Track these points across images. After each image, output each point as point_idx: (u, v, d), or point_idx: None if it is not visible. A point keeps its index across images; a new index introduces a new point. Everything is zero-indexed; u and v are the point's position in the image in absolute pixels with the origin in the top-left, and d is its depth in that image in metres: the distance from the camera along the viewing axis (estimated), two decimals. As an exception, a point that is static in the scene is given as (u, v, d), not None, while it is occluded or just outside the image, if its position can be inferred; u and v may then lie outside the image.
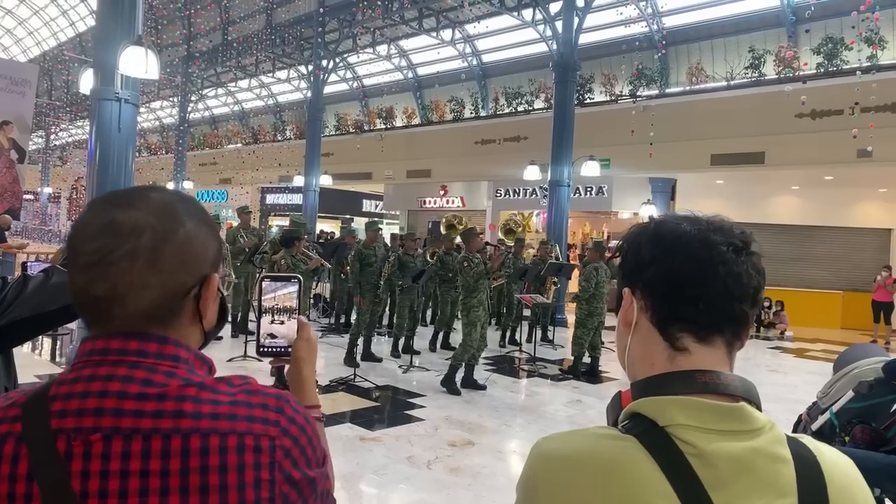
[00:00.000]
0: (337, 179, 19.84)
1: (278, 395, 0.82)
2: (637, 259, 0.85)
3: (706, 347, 0.81)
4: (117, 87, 7.07)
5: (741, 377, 0.81)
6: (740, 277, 0.80)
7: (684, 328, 0.81)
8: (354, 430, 5.35)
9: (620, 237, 0.92)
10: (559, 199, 12.60)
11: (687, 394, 0.77)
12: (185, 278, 0.82)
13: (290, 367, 1.04)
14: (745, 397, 0.78)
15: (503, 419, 5.98)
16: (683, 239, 0.82)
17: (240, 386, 0.81)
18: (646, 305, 0.84)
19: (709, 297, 0.80)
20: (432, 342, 9.08)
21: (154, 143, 30.16)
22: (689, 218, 0.86)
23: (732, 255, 0.80)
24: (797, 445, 0.79)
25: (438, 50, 18.89)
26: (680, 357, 0.81)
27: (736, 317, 0.81)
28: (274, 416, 0.79)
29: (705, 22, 14.82)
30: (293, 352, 1.04)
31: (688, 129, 13.00)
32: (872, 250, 14.68)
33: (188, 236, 0.82)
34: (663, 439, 0.75)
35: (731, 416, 0.76)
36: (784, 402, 6.94)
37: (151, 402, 0.75)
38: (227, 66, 21.26)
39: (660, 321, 0.82)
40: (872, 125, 10.17)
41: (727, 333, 0.82)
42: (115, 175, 7.17)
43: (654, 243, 0.84)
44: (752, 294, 0.82)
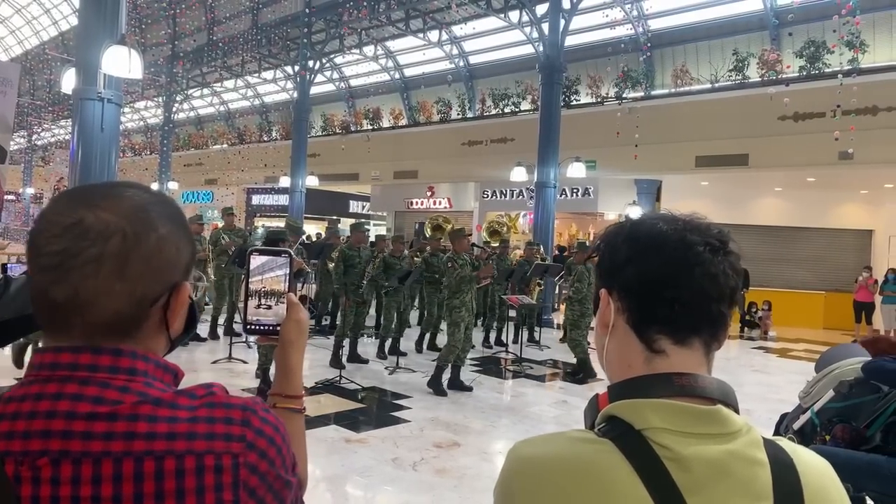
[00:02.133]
0: (323, 180, 19.76)
1: (244, 405, 0.77)
2: (613, 259, 0.84)
3: (684, 349, 0.80)
4: (100, 86, 7.00)
5: (719, 380, 0.80)
6: (717, 278, 0.79)
7: (661, 330, 0.80)
8: (340, 432, 5.32)
9: (597, 237, 0.90)
10: (545, 201, 12.65)
11: (664, 397, 0.77)
12: (153, 287, 0.77)
13: (277, 350, 0.99)
14: (722, 400, 0.78)
15: (489, 420, 5.98)
16: (659, 239, 0.81)
17: (202, 398, 0.76)
18: (622, 307, 0.83)
19: (685, 299, 0.79)
20: (418, 343, 9.07)
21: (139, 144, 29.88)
22: (666, 217, 0.85)
23: (709, 255, 0.80)
24: (774, 448, 0.78)
25: (425, 51, 18.90)
26: (657, 359, 0.80)
27: (713, 318, 0.81)
28: (239, 431, 0.74)
29: (690, 25, 14.94)
30: (282, 333, 0.97)
31: (673, 131, 13.10)
32: (854, 251, 14.88)
33: (161, 242, 0.77)
34: (639, 443, 0.74)
35: (707, 419, 0.75)
36: (767, 402, 7.02)
37: (102, 422, 0.70)
38: (213, 66, 21.12)
39: (636, 323, 0.82)
40: (853, 128, 10.30)
41: (704, 335, 0.81)
42: (97, 175, 7.09)
43: (629, 243, 0.83)
44: (730, 294, 0.81)
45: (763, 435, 0.80)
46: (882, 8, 12.33)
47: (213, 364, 7.46)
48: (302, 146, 17.56)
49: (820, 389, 3.62)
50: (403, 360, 8.09)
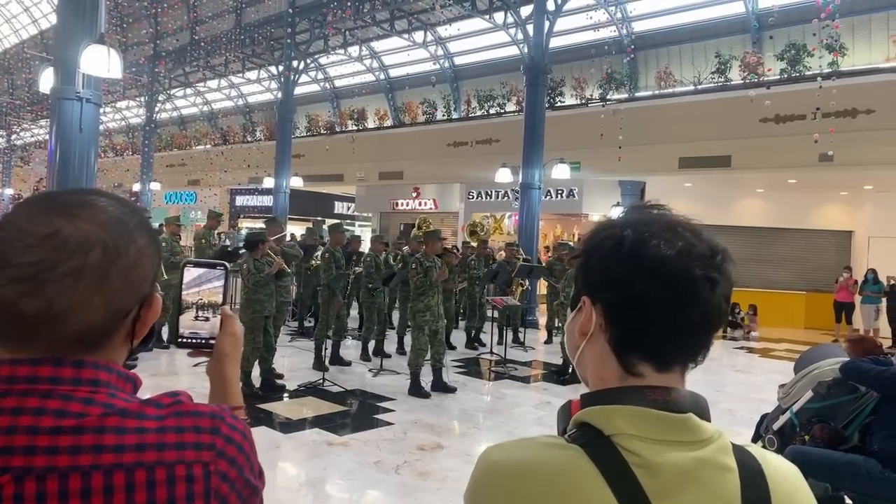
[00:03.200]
0: (308, 181, 19.65)
1: (213, 412, 0.77)
2: (603, 272, 0.80)
3: (663, 374, 0.79)
4: (79, 86, 6.91)
5: (692, 393, 0.79)
6: (710, 316, 0.77)
7: (644, 358, 0.78)
8: (322, 435, 5.28)
9: (585, 237, 0.86)
10: (530, 202, 12.67)
11: (635, 405, 0.76)
12: (128, 299, 0.76)
13: (210, 363, 0.98)
14: (694, 411, 0.76)
15: (472, 422, 5.97)
16: (660, 266, 0.76)
17: (169, 407, 0.75)
18: (605, 325, 0.80)
19: (675, 336, 0.77)
20: (401, 345, 9.04)
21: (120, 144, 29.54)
22: (667, 235, 0.78)
23: (708, 292, 0.76)
24: (742, 454, 0.78)
25: (410, 52, 18.87)
26: (633, 379, 0.79)
27: (698, 348, 0.80)
28: (208, 439, 0.74)
29: (673, 27, 15.05)
30: (216, 346, 0.96)
31: (656, 132, 13.17)
32: (834, 252, 15.06)
33: (139, 254, 0.76)
34: (609, 449, 0.73)
35: (677, 426, 0.75)
36: (750, 402, 7.07)
37: (67, 436, 0.68)
38: (196, 65, 20.93)
39: (618, 346, 0.79)
40: (833, 130, 10.43)
41: (687, 360, 0.80)
42: (76, 176, 7.00)
43: (630, 265, 0.77)
44: (718, 323, 0.79)
45: (734, 441, 0.79)
46: (860, 12, 12.49)
47: (194, 367, 7.34)
48: (286, 147, 17.46)
49: (799, 390, 3.65)
50: (387, 361, 8.06)
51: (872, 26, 12.73)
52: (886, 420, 3.21)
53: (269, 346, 6.70)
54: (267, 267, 6.59)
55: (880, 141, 10.78)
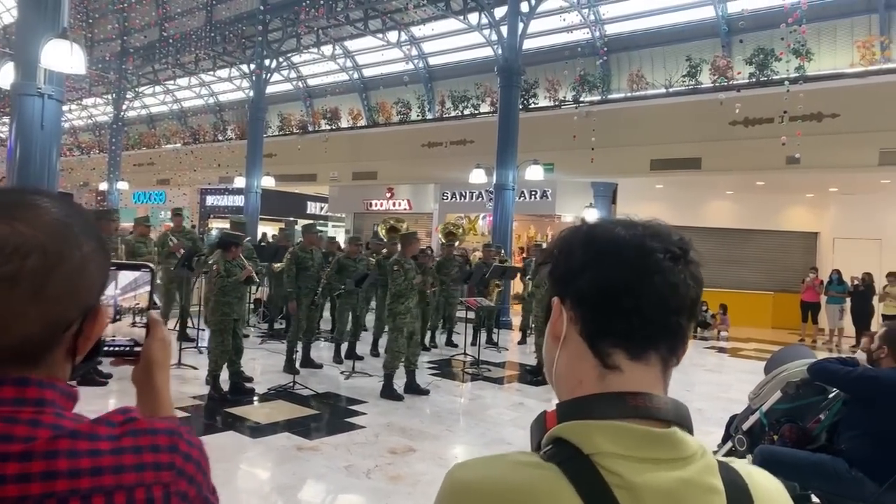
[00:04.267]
0: (280, 181, 19.43)
1: (170, 430, 0.72)
2: (567, 265, 0.79)
3: (640, 365, 0.75)
4: (40, 81, 6.71)
5: (674, 400, 0.75)
6: (677, 288, 0.74)
7: (616, 343, 0.75)
8: (292, 440, 5.19)
9: (552, 241, 0.85)
10: (504, 203, 12.69)
11: (615, 418, 0.72)
12: (69, 311, 0.70)
13: (137, 371, 0.91)
14: (676, 421, 0.73)
15: (445, 424, 5.92)
16: (617, 244, 0.76)
17: (123, 426, 0.70)
18: (576, 317, 0.77)
19: (643, 309, 0.74)
20: (374, 347, 8.95)
21: (86, 142, 28.86)
22: (625, 222, 0.79)
23: (670, 262, 0.75)
24: (729, 472, 0.74)
25: (384, 52, 18.76)
26: (611, 376, 0.75)
27: (672, 331, 0.76)
28: (167, 458, 0.69)
29: (645, 30, 15.21)
30: (144, 353, 0.90)
31: (628, 134, 13.30)
32: (800, 253, 15.37)
33: (84, 262, 0.70)
34: (588, 469, 0.69)
35: (661, 442, 0.70)
36: (719, 401, 7.15)
37: (13, 462, 0.62)
38: (165, 63, 20.53)
39: (590, 335, 0.76)
40: (799, 133, 10.63)
41: (662, 349, 0.76)
42: (37, 174, 6.80)
43: (585, 249, 0.77)
44: (690, 306, 0.76)
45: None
46: (826, 18, 12.77)
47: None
48: (257, 146, 17.22)
49: (768, 391, 3.68)
50: (360, 364, 7.97)
51: (837, 32, 13.02)
52: (853, 420, 3.25)
53: (238, 349, 6.57)
54: (238, 270, 6.46)
55: (844, 144, 11.03)
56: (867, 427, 3.14)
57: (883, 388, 3.09)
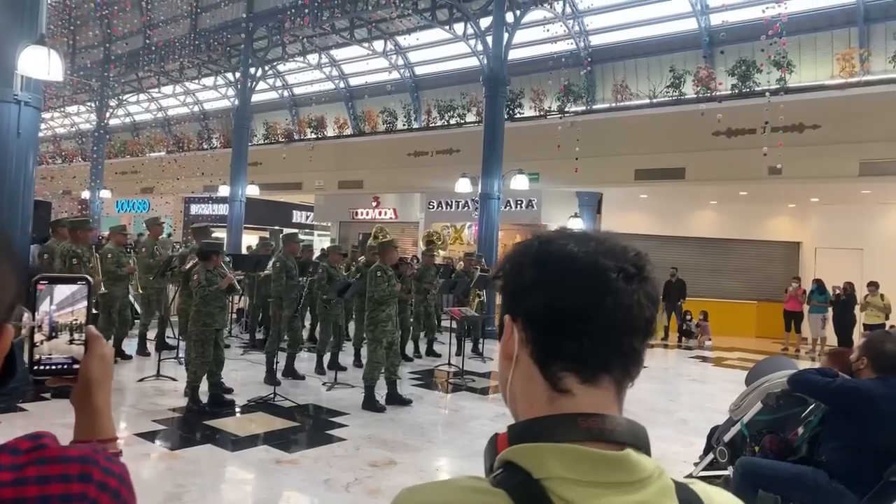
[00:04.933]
0: (265, 189, 19.31)
1: (83, 457, 0.67)
2: (518, 283, 0.75)
3: (592, 388, 0.72)
4: (16, 88, 6.59)
5: (629, 420, 0.72)
6: (631, 309, 0.71)
7: (567, 367, 0.72)
8: (270, 453, 5.10)
9: (504, 256, 0.81)
10: (489, 212, 12.68)
11: (568, 441, 0.68)
12: None
13: (76, 390, 0.86)
14: (631, 443, 0.69)
15: (427, 436, 5.85)
16: (569, 262, 0.72)
17: (29, 453, 0.64)
18: (526, 338, 0.74)
19: (594, 333, 0.70)
20: (356, 357, 8.86)
21: (69, 150, 28.54)
22: (579, 237, 0.76)
23: (623, 283, 0.71)
24: (686, 494, 0.71)
25: (370, 61, 18.78)
26: (561, 399, 0.72)
27: (625, 353, 0.73)
28: (79, 489, 0.64)
29: (630, 42, 15.32)
30: (82, 371, 0.85)
31: (613, 144, 13.36)
32: (783, 263, 15.49)
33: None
34: (537, 495, 0.65)
35: (614, 466, 0.67)
36: (703, 411, 7.14)
37: None
38: (149, 70, 20.38)
39: (540, 358, 0.73)
40: (781, 144, 10.73)
41: (616, 372, 0.73)
42: (13, 183, 6.67)
43: (536, 266, 0.74)
44: (644, 327, 0.73)
45: (674, 478, 0.72)
46: (806, 31, 12.94)
47: (139, 383, 7.08)
48: (242, 154, 17.11)
49: (749, 402, 3.66)
50: (342, 374, 7.88)
51: (818, 44, 13.20)
52: (833, 431, 3.24)
53: (219, 360, 6.47)
54: (219, 279, 6.37)
55: (825, 155, 11.14)
56: (847, 438, 3.13)
57: (862, 399, 3.08)
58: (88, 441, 0.84)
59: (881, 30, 12.50)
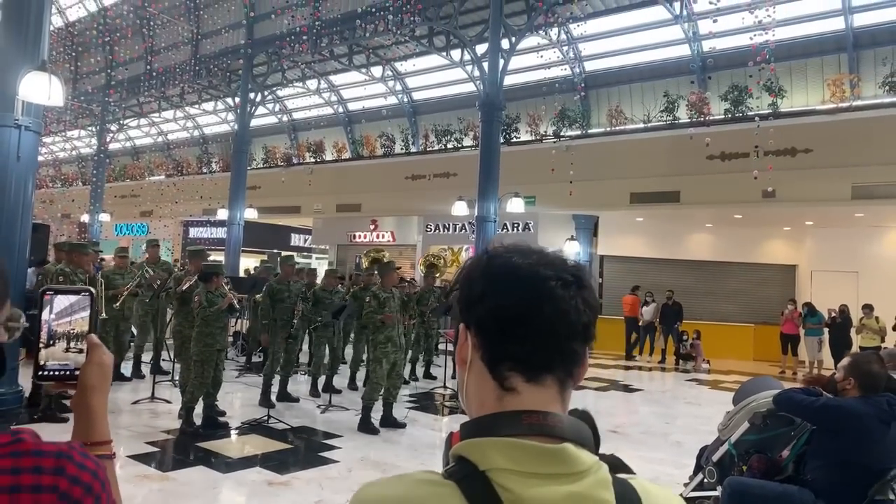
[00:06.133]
0: (264, 213, 19.41)
1: (58, 451, 0.71)
2: (469, 293, 0.82)
3: (535, 387, 0.78)
4: (17, 113, 6.70)
5: (572, 418, 0.78)
6: (568, 314, 0.78)
7: (513, 367, 0.78)
8: (263, 475, 5.09)
9: (460, 271, 0.88)
10: (486, 235, 12.72)
11: (511, 436, 0.74)
12: None
13: (75, 395, 0.92)
14: (571, 438, 0.75)
15: (421, 458, 5.84)
16: (512, 273, 0.79)
17: (6, 447, 0.69)
18: (477, 343, 0.80)
19: (535, 336, 0.77)
20: (351, 380, 8.85)
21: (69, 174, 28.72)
22: (523, 250, 0.83)
23: (561, 290, 0.78)
24: (622, 487, 0.76)
25: (368, 86, 19.02)
26: (508, 397, 0.78)
27: (565, 355, 0.79)
28: (50, 481, 0.68)
29: (624, 67, 15.56)
30: (81, 377, 0.91)
31: (608, 168, 13.49)
32: (779, 285, 15.52)
33: None
34: (483, 485, 0.71)
35: (552, 458, 0.72)
36: (698, 434, 7.11)
37: None
38: (150, 95, 20.63)
39: (489, 360, 0.79)
40: (771, 167, 10.84)
41: (558, 371, 0.79)
42: (12, 206, 6.75)
43: (484, 277, 0.81)
44: (583, 330, 0.79)
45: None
46: (796, 57, 13.17)
47: (133, 405, 7.07)
48: (241, 178, 17.23)
49: (737, 422, 3.68)
50: (336, 397, 7.87)
51: (808, 70, 13.41)
52: (819, 450, 3.26)
53: (216, 382, 6.48)
54: (219, 300, 6.40)
55: (818, 179, 11.26)
56: (832, 457, 3.15)
57: (846, 417, 3.11)
58: (85, 443, 0.89)
59: (870, 56, 12.73)
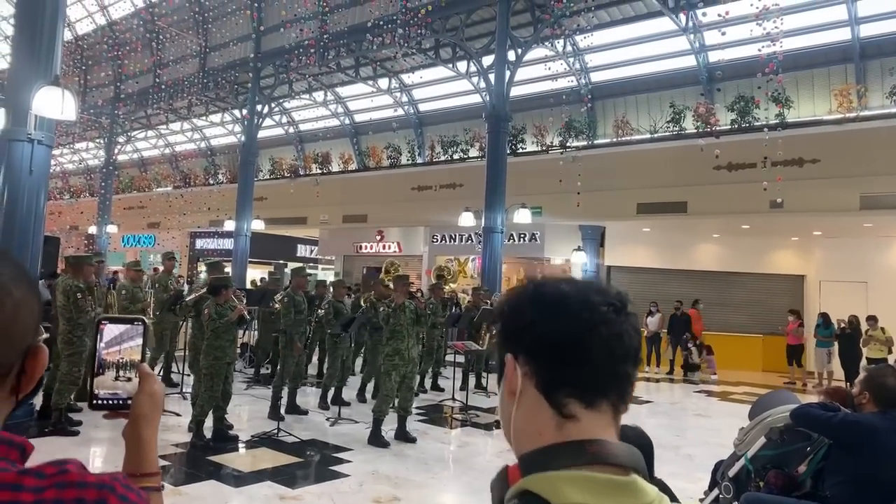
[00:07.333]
0: (270, 224, 19.47)
1: (101, 483, 0.71)
2: (517, 322, 0.83)
3: (593, 413, 0.79)
4: (30, 127, 6.77)
5: (628, 445, 0.79)
6: (622, 338, 0.80)
7: (571, 393, 0.79)
8: (274, 489, 5.07)
9: (500, 300, 0.90)
10: (493, 246, 12.75)
11: (577, 467, 0.75)
12: (7, 356, 0.71)
13: (127, 425, 0.92)
14: (633, 467, 0.77)
15: (432, 472, 5.82)
16: (564, 299, 0.81)
17: (52, 478, 0.68)
18: (530, 371, 0.81)
19: (593, 360, 0.79)
20: (360, 392, 8.83)
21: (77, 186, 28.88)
22: (568, 279, 0.85)
23: (613, 314, 0.80)
24: None
25: (374, 98, 19.13)
26: (569, 424, 0.79)
27: (620, 379, 0.81)
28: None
29: (630, 78, 15.60)
30: (133, 407, 0.91)
31: (615, 178, 13.50)
32: (787, 296, 15.43)
33: (17, 307, 0.71)
34: None
35: (624, 490, 0.74)
36: (709, 447, 7.07)
37: None
38: (158, 108, 20.79)
39: (545, 387, 0.80)
40: (780, 178, 10.82)
41: (612, 397, 0.80)
42: (24, 219, 6.80)
43: (534, 305, 0.82)
44: (634, 354, 0.81)
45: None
46: (803, 67, 13.18)
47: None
48: (248, 189, 17.32)
49: (753, 437, 3.66)
50: (346, 410, 7.86)
51: (815, 81, 13.42)
52: (837, 466, 3.23)
53: (226, 395, 6.47)
54: (229, 312, 6.41)
55: (826, 189, 11.24)
56: (850, 473, 3.12)
57: (864, 433, 3.08)
58: (134, 474, 0.89)
59: (877, 66, 12.73)
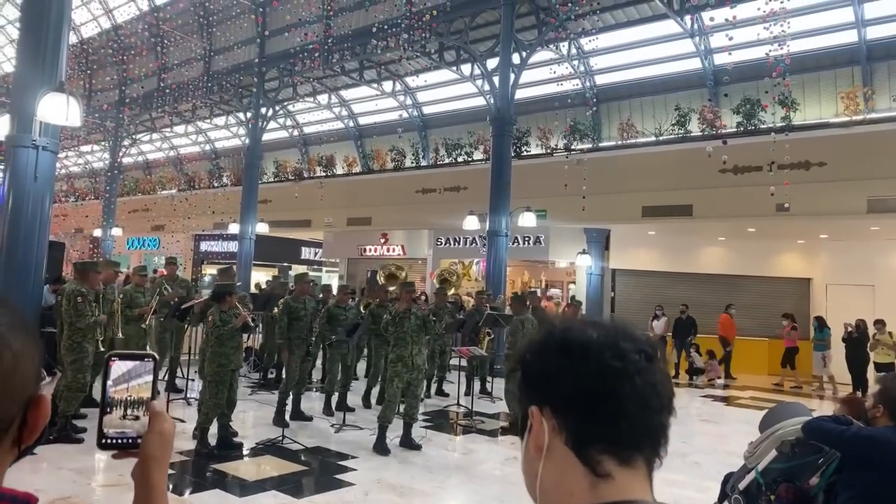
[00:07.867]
0: (275, 227, 19.47)
1: None
2: (543, 370, 0.77)
3: (628, 470, 0.74)
4: (35, 133, 6.76)
5: None
6: (657, 387, 0.75)
7: (605, 449, 0.73)
8: (279, 498, 5.04)
9: (522, 347, 0.83)
10: (497, 249, 12.71)
11: None
12: (9, 409, 0.68)
13: (136, 465, 0.88)
14: None
15: (437, 480, 5.78)
16: (594, 347, 0.75)
17: None
18: (559, 425, 0.75)
19: (629, 412, 0.73)
20: (365, 398, 8.80)
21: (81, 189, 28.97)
22: (594, 324, 0.79)
23: (646, 363, 0.75)
24: None
25: (379, 101, 19.12)
26: (602, 485, 0.73)
27: (656, 431, 0.76)
28: None
29: (635, 81, 15.54)
30: (143, 447, 0.87)
31: (620, 181, 13.45)
32: (794, 299, 15.35)
33: (16, 359, 0.68)
34: None
35: None
36: (717, 454, 7.03)
37: None
38: (163, 111, 20.82)
39: (577, 443, 0.74)
40: (787, 183, 10.76)
41: (647, 451, 0.75)
42: (29, 225, 6.79)
43: (561, 352, 0.77)
44: (668, 403, 0.77)
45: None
46: (810, 70, 13.10)
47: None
48: (253, 192, 17.34)
49: (764, 449, 3.61)
50: (350, 416, 7.82)
51: (821, 83, 13.34)
52: (850, 481, 3.18)
53: (230, 402, 6.44)
54: (233, 319, 6.38)
55: (832, 192, 11.16)
56: (863, 488, 3.07)
57: (877, 448, 3.03)
58: None
59: (884, 68, 12.65)
